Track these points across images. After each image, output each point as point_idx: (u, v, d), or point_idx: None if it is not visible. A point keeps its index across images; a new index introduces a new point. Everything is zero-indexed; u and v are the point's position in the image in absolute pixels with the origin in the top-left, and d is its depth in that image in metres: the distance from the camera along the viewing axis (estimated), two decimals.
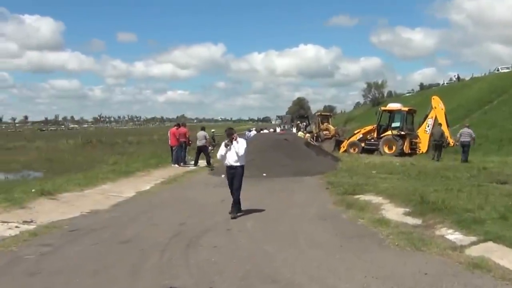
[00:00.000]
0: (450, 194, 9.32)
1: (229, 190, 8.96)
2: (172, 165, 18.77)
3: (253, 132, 33.40)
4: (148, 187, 13.29)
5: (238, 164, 8.69)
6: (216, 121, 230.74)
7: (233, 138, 8.58)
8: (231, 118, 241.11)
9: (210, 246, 6.54)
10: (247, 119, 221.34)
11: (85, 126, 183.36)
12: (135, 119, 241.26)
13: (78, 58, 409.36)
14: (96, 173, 15.32)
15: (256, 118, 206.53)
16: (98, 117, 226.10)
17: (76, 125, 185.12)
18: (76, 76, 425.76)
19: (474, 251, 5.69)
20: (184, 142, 19.09)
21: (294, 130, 35.43)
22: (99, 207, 9.84)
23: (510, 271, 4.98)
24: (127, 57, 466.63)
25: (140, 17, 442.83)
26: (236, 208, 8.66)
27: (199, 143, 19.18)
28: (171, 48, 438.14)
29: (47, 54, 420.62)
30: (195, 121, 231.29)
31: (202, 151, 19.27)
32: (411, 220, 7.65)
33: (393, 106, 26.38)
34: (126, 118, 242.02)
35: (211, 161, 18.91)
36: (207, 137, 19.65)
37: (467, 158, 19.67)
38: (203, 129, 20.18)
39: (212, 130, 42.43)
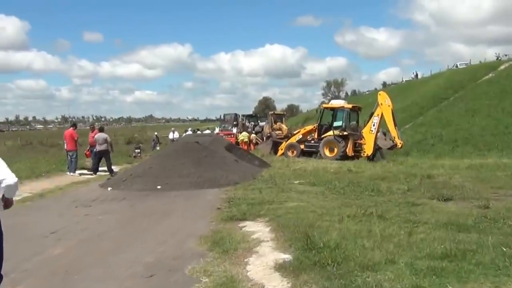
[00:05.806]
0: (362, 225, 6.29)
1: None
2: (69, 173, 15.46)
3: (189, 133, 30.00)
4: None
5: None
6: (184, 120, 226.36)
7: None
8: (198, 118, 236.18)
9: None
10: (215, 118, 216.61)
11: (50, 126, 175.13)
12: (102, 119, 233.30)
13: (44, 58, 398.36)
14: None
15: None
16: (62, 117, 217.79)
17: (41, 126, 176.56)
18: (43, 76, 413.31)
19: None
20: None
21: (234, 130, 31.91)
22: None
23: None
24: (93, 57, 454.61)
25: (106, 17, 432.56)
26: None
27: (100, 147, 15.72)
28: (138, 48, 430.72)
29: (12, 54, 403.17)
30: (163, 121, 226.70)
31: (103, 156, 15.88)
32: (276, 283, 4.49)
33: (336, 103, 23.28)
34: (91, 119, 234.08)
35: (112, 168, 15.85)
36: (108, 140, 16.05)
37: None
38: (101, 130, 16.66)
39: (155, 133, 39.28)
